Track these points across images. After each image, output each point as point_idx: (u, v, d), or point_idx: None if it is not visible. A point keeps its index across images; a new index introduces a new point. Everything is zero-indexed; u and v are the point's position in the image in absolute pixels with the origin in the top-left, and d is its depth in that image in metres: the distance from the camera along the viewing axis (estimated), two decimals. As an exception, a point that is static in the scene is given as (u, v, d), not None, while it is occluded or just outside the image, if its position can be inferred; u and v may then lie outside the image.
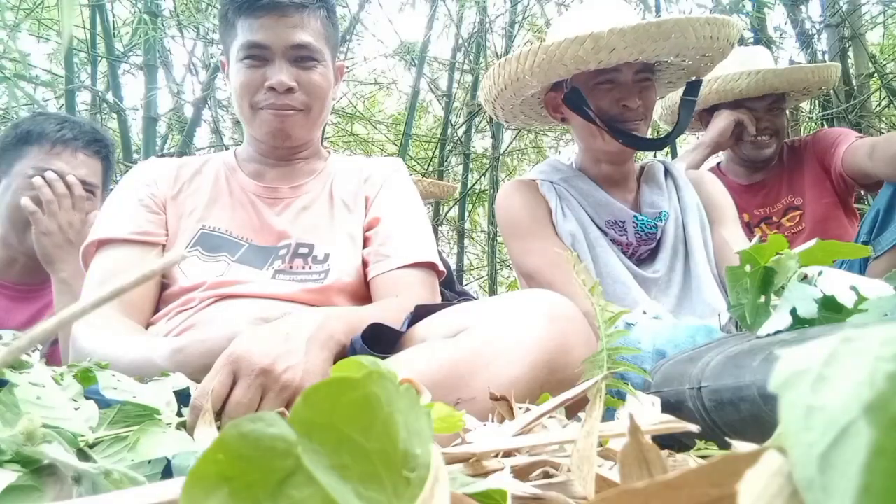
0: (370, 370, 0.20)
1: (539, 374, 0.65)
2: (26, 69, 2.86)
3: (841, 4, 2.73)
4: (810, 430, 0.16)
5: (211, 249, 1.02)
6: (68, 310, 0.23)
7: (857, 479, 0.14)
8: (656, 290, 1.26)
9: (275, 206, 1.08)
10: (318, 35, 1.05)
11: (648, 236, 1.30)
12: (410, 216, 1.09)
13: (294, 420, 0.19)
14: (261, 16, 1.01)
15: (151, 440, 0.46)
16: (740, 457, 0.19)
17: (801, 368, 0.17)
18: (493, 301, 0.78)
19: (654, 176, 1.37)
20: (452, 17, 3.51)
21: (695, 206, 1.33)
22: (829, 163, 1.74)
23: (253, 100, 1.04)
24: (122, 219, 1.03)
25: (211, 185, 1.10)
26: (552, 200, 1.31)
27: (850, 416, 0.15)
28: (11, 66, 2.69)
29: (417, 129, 4.10)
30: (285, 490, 0.18)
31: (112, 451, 0.45)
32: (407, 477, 0.19)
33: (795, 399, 0.17)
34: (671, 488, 0.18)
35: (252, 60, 1.03)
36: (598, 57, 1.14)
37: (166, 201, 1.08)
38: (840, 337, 0.18)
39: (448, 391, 0.64)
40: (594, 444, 0.31)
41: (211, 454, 0.18)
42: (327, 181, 1.13)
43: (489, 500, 0.27)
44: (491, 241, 3.77)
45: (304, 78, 1.04)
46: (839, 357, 0.17)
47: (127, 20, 3.18)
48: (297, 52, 1.03)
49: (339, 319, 0.74)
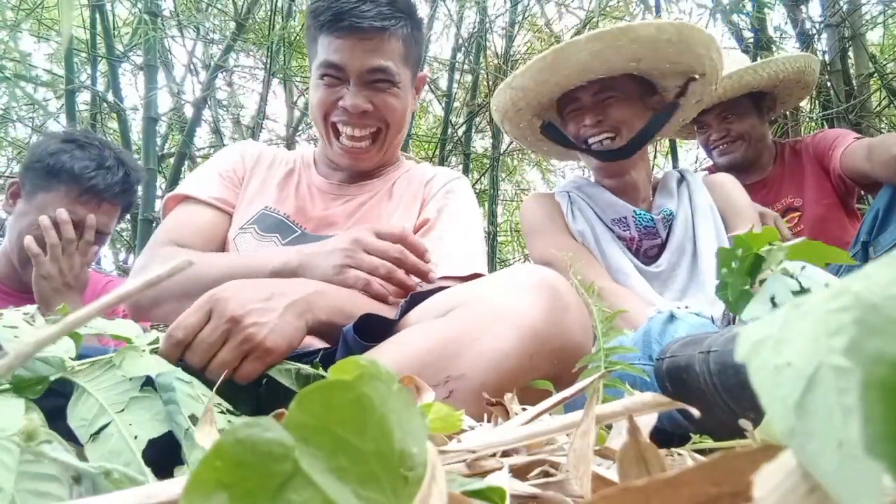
0: (362, 372, 0.20)
1: (528, 344, 0.64)
2: (27, 69, 2.86)
3: (841, 4, 2.73)
4: (781, 386, 0.17)
5: (265, 230, 1.07)
6: (74, 315, 0.23)
7: (840, 416, 0.15)
8: (659, 283, 1.35)
9: (337, 200, 1.14)
10: (397, 56, 1.07)
11: (648, 230, 1.38)
12: (463, 227, 1.10)
13: (289, 424, 0.19)
14: (341, 36, 1.03)
15: (132, 361, 0.50)
16: (739, 455, 0.19)
17: (762, 336, 0.19)
18: (481, 279, 0.79)
19: (667, 184, 1.47)
20: (452, 17, 3.51)
21: (707, 207, 1.40)
22: (829, 164, 1.74)
23: (329, 118, 1.09)
24: (207, 183, 1.12)
25: (284, 174, 1.16)
26: (564, 205, 1.46)
27: (814, 366, 0.16)
28: (12, 67, 2.69)
29: (417, 129, 4.10)
30: (285, 494, 0.18)
31: (97, 373, 0.49)
32: (405, 476, 0.19)
33: (761, 363, 0.18)
34: (671, 486, 0.19)
35: (329, 79, 1.06)
36: (546, 77, 1.31)
37: (244, 177, 1.16)
38: (788, 306, 0.20)
39: (437, 370, 0.64)
40: (591, 443, 0.31)
41: (209, 461, 0.18)
42: (391, 181, 1.17)
43: (489, 499, 0.27)
44: (491, 241, 3.77)
45: (378, 100, 1.07)
46: (791, 321, 0.19)
47: (127, 20, 3.18)
48: (374, 75, 1.05)
49: (326, 297, 0.76)
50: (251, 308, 0.66)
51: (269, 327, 0.66)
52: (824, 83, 2.74)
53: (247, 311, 0.66)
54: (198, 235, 1.04)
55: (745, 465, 0.19)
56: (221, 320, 0.65)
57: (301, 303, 0.71)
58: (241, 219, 1.10)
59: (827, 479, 0.15)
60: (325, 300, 0.75)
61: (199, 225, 1.06)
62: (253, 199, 1.12)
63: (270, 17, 2.99)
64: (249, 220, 1.09)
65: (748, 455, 0.19)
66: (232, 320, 0.65)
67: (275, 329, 0.66)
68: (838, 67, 2.73)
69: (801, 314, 0.18)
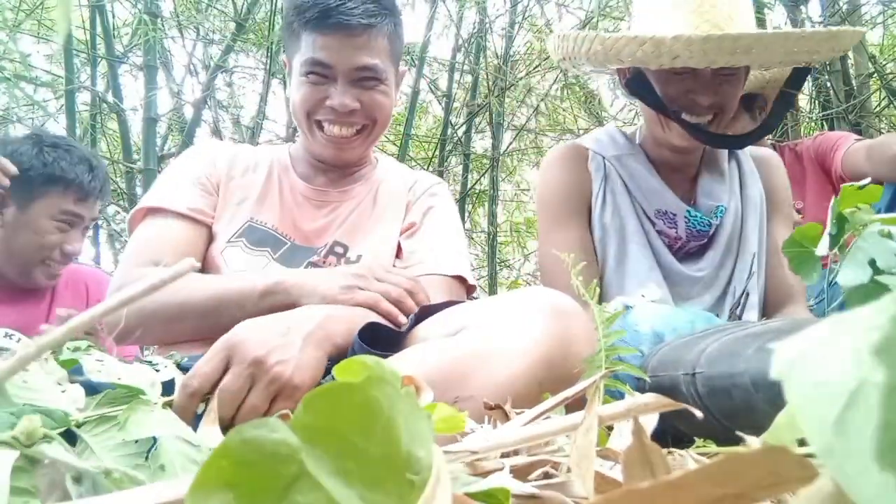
0: (370, 374, 0.20)
1: (538, 371, 0.64)
2: (27, 70, 2.86)
3: (841, 4, 2.73)
4: (820, 403, 0.16)
5: (255, 243, 1.04)
6: (77, 318, 0.23)
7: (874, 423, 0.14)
8: (700, 286, 1.16)
9: (322, 208, 1.10)
10: (384, 54, 1.05)
11: (700, 233, 1.18)
12: (447, 230, 1.11)
13: (296, 425, 0.19)
14: (327, 33, 1.00)
15: (139, 419, 0.46)
16: (743, 457, 0.19)
17: (800, 352, 0.18)
18: (493, 299, 0.77)
19: (717, 161, 1.23)
20: (452, 17, 3.51)
21: (758, 200, 1.22)
22: (830, 166, 1.74)
23: (312, 116, 1.05)
24: (179, 192, 1.03)
25: (264, 180, 1.10)
26: (597, 182, 1.20)
27: (856, 382, 0.16)
28: (11, 67, 2.69)
29: (417, 130, 4.10)
30: (290, 496, 0.18)
31: (100, 430, 0.46)
32: (410, 480, 0.19)
33: (800, 378, 0.18)
34: (675, 488, 0.19)
35: (315, 77, 1.03)
36: (658, 61, 1.02)
37: (220, 184, 1.09)
38: (829, 321, 0.19)
39: (445, 390, 0.63)
40: (593, 441, 0.31)
41: (215, 460, 0.18)
42: (374, 186, 1.15)
43: (492, 499, 0.27)
44: (491, 241, 3.77)
45: (366, 98, 1.04)
46: (832, 337, 0.18)
47: (127, 21, 3.18)
48: (361, 73, 1.03)
49: (340, 320, 0.74)
50: (271, 347, 0.64)
51: (294, 363, 0.63)
52: (824, 83, 2.75)
53: (268, 350, 0.63)
54: (177, 252, 0.95)
55: (749, 468, 0.19)
56: (244, 364, 0.62)
57: (318, 332, 0.69)
58: (226, 231, 1.04)
59: (863, 501, 0.15)
60: (340, 324, 0.73)
61: (176, 240, 0.98)
62: (236, 211, 1.06)
63: (270, 17, 2.99)
64: (236, 234, 1.04)
65: (752, 457, 0.19)
66: (255, 363, 0.62)
67: (300, 365, 0.64)
68: (838, 67, 2.73)
69: (842, 330, 0.18)
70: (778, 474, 0.19)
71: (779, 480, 0.19)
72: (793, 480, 0.19)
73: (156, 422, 0.46)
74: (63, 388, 0.49)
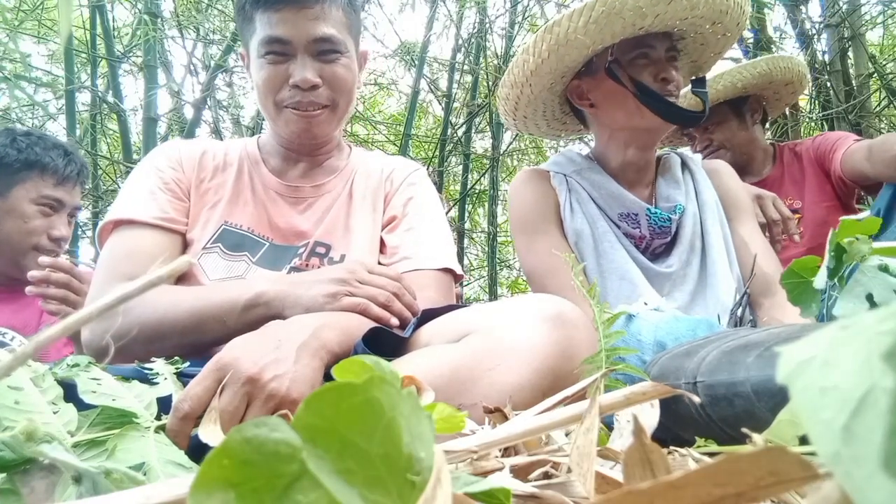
0: (372, 374, 0.20)
1: (543, 380, 0.64)
2: (27, 70, 2.86)
3: (841, 4, 2.73)
4: (826, 408, 0.16)
5: (232, 248, 1.01)
6: (72, 317, 0.22)
7: (883, 429, 0.14)
8: (670, 284, 1.23)
9: (297, 205, 1.08)
10: (340, 25, 1.03)
11: (662, 230, 1.26)
12: (431, 220, 1.09)
13: (297, 425, 0.19)
14: (280, 9, 0.99)
15: (129, 445, 0.45)
16: (743, 457, 0.19)
17: (806, 357, 0.18)
18: (497, 305, 0.76)
19: (671, 169, 1.34)
20: (452, 17, 3.51)
21: (713, 202, 1.31)
22: (829, 166, 1.74)
23: (277, 97, 1.03)
24: (146, 201, 0.99)
25: (234, 179, 1.08)
26: (562, 194, 1.29)
27: (865, 388, 0.15)
28: (11, 67, 2.69)
29: (417, 130, 4.10)
30: (291, 495, 0.18)
31: (90, 454, 0.44)
32: (411, 480, 0.19)
33: (806, 384, 0.17)
34: (675, 488, 0.19)
35: (273, 56, 1.01)
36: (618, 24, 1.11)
37: (190, 188, 1.05)
38: (836, 326, 0.19)
39: (449, 396, 0.63)
40: (594, 441, 0.31)
41: (216, 459, 0.18)
42: (348, 179, 1.12)
43: (492, 499, 0.27)
44: (491, 241, 3.77)
45: (328, 72, 1.02)
46: (840, 342, 0.18)
47: (127, 21, 3.18)
48: (320, 45, 1.01)
49: (334, 328, 0.72)
50: (265, 363, 0.62)
51: (290, 377, 0.62)
52: (824, 83, 2.75)
53: (261, 367, 0.61)
54: (152, 264, 0.88)
55: (749, 467, 0.19)
56: (238, 384, 0.60)
57: (312, 342, 0.67)
58: (201, 237, 1.01)
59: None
60: (334, 331, 0.71)
61: (150, 252, 0.94)
62: (209, 215, 1.03)
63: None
64: (211, 239, 1.00)
65: (752, 457, 0.19)
66: (250, 381, 0.60)
67: (295, 378, 0.62)
68: (838, 67, 2.73)
69: (849, 336, 0.18)
70: (778, 474, 0.19)
71: (779, 480, 0.19)
72: (793, 480, 0.19)
73: (146, 447, 0.45)
74: (57, 408, 0.48)
